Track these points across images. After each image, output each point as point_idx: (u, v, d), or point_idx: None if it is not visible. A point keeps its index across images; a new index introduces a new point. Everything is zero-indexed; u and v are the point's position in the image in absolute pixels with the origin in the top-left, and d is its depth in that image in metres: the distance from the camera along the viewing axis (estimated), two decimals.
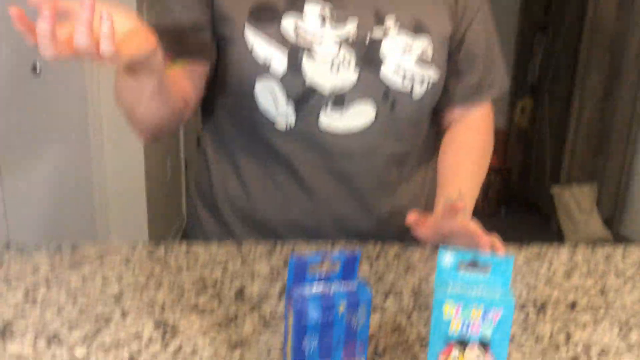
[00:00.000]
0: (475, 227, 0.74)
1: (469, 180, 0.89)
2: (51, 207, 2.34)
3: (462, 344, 0.51)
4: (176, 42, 0.81)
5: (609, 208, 3.36)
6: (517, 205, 3.90)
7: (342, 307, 0.49)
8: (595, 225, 3.26)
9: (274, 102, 0.82)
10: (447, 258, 0.52)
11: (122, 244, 0.83)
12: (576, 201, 3.27)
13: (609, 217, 3.35)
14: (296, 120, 0.83)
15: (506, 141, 4.11)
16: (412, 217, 0.81)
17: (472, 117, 0.95)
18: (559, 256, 0.86)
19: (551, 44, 3.53)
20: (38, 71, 2.15)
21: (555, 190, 3.35)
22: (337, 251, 0.50)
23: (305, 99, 0.81)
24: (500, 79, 0.96)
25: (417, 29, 0.84)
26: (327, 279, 0.51)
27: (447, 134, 0.96)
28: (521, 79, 3.99)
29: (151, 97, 0.74)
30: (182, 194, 3.03)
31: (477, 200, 0.90)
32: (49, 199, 2.33)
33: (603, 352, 0.62)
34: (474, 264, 0.69)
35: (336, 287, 0.51)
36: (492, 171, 3.89)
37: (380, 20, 0.82)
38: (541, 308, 0.70)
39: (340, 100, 0.82)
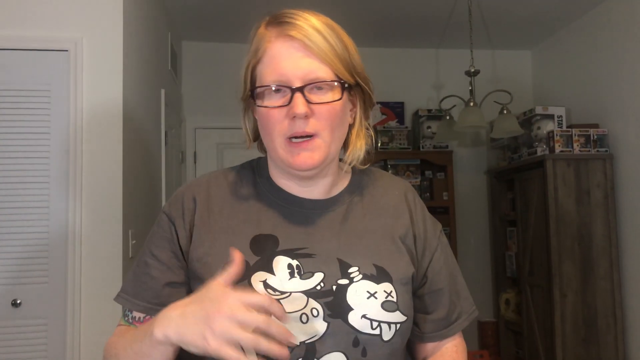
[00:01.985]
0: None
1: None
2: None
3: None
4: (157, 303, 0.86)
5: None
6: None
7: None
8: None
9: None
10: None
11: None
12: None
13: None
14: None
15: (497, 334, 4.05)
16: None
17: (444, 350, 0.97)
18: None
19: (523, 237, 3.69)
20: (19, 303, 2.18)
21: None
22: None
23: None
24: (468, 308, 0.99)
25: (380, 275, 0.87)
26: None
27: None
28: (501, 272, 4.08)
29: None
30: None
31: None
32: None
33: None
34: None
35: None
36: None
37: (345, 273, 0.86)
38: None
39: (311, 351, 0.81)
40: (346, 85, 0.87)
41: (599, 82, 3.55)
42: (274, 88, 0.85)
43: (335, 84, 0.85)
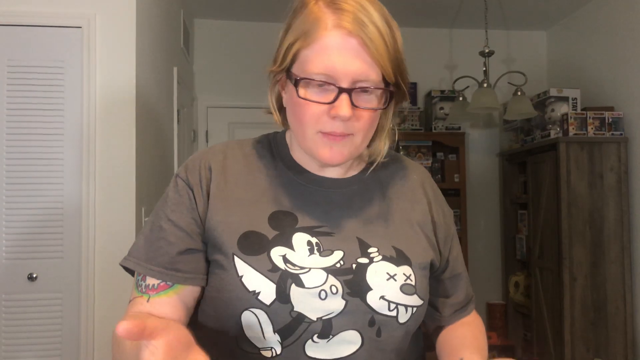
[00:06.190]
0: None
1: (473, 349, 0.90)
2: None
3: None
4: (172, 269, 0.84)
5: None
6: None
7: None
8: None
9: (261, 330, 0.81)
10: None
11: None
12: None
13: None
14: (282, 349, 0.81)
15: (505, 316, 4.07)
16: None
17: (462, 320, 1.00)
18: None
19: (534, 220, 3.68)
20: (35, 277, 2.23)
21: None
22: None
23: (292, 327, 0.81)
24: (471, 290, 1.03)
25: (399, 258, 0.87)
26: None
27: (441, 336, 0.99)
28: (511, 255, 4.08)
29: None
30: None
31: None
32: None
33: None
34: None
35: None
36: (496, 350, 3.79)
37: (364, 252, 0.86)
38: None
39: (327, 328, 0.81)
40: (393, 92, 0.84)
41: (615, 64, 3.49)
42: (319, 83, 0.81)
43: (383, 91, 0.84)
